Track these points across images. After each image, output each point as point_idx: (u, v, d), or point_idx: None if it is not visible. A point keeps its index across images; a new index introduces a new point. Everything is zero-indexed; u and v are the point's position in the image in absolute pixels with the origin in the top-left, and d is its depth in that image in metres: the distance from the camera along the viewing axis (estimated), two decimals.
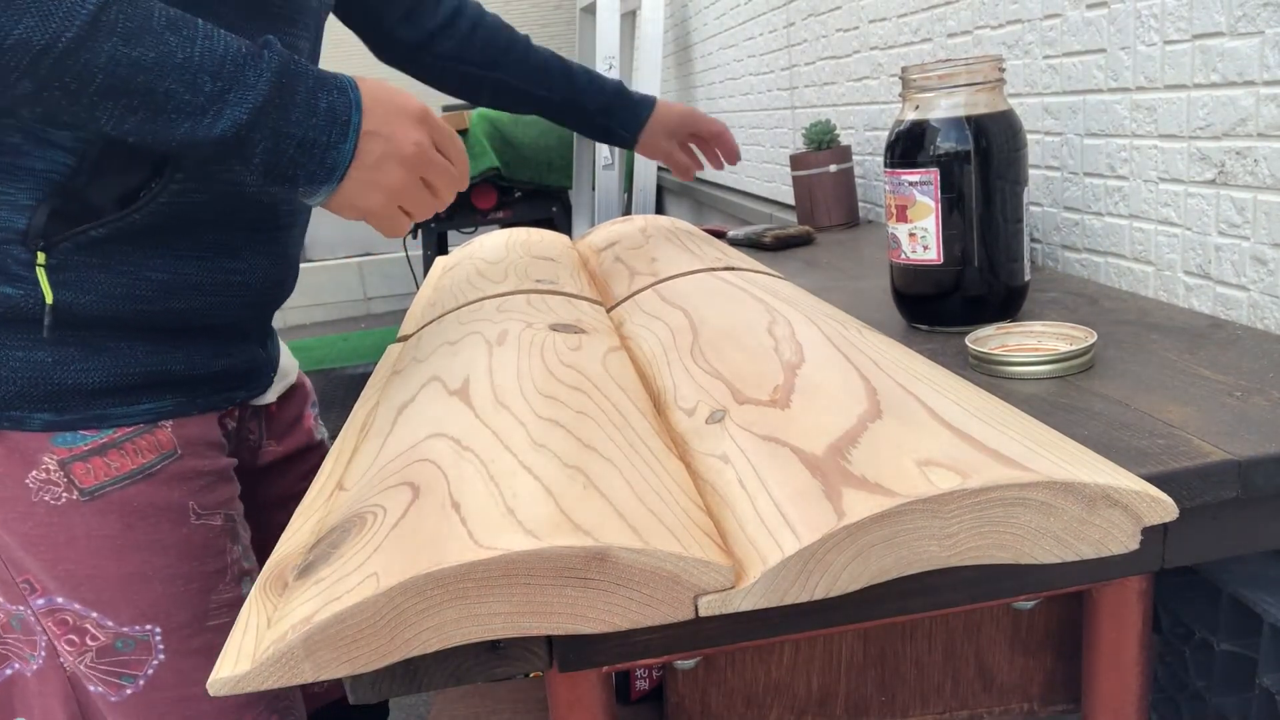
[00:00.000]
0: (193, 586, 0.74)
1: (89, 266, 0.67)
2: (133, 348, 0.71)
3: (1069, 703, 0.65)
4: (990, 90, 0.81)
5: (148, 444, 0.72)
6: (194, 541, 0.74)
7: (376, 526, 0.47)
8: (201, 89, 0.58)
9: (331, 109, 0.62)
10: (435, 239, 3.50)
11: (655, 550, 0.43)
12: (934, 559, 0.45)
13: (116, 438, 0.71)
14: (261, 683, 0.42)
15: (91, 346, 0.69)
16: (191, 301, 0.73)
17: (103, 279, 0.68)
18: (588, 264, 1.17)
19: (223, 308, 0.76)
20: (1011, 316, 0.86)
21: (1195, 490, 0.55)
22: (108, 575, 0.71)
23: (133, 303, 0.69)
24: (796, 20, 1.98)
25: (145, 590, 0.72)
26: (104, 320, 0.69)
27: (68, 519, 0.69)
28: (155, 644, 0.73)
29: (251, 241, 0.76)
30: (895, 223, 0.85)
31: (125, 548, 0.71)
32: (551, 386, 0.63)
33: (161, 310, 0.71)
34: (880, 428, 0.51)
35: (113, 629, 0.72)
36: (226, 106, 0.59)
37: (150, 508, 0.72)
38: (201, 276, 0.73)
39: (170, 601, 0.73)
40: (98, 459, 0.70)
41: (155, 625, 0.73)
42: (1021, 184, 0.83)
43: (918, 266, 0.84)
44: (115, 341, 0.70)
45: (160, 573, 0.72)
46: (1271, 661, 0.67)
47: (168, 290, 0.71)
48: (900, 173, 0.82)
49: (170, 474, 0.73)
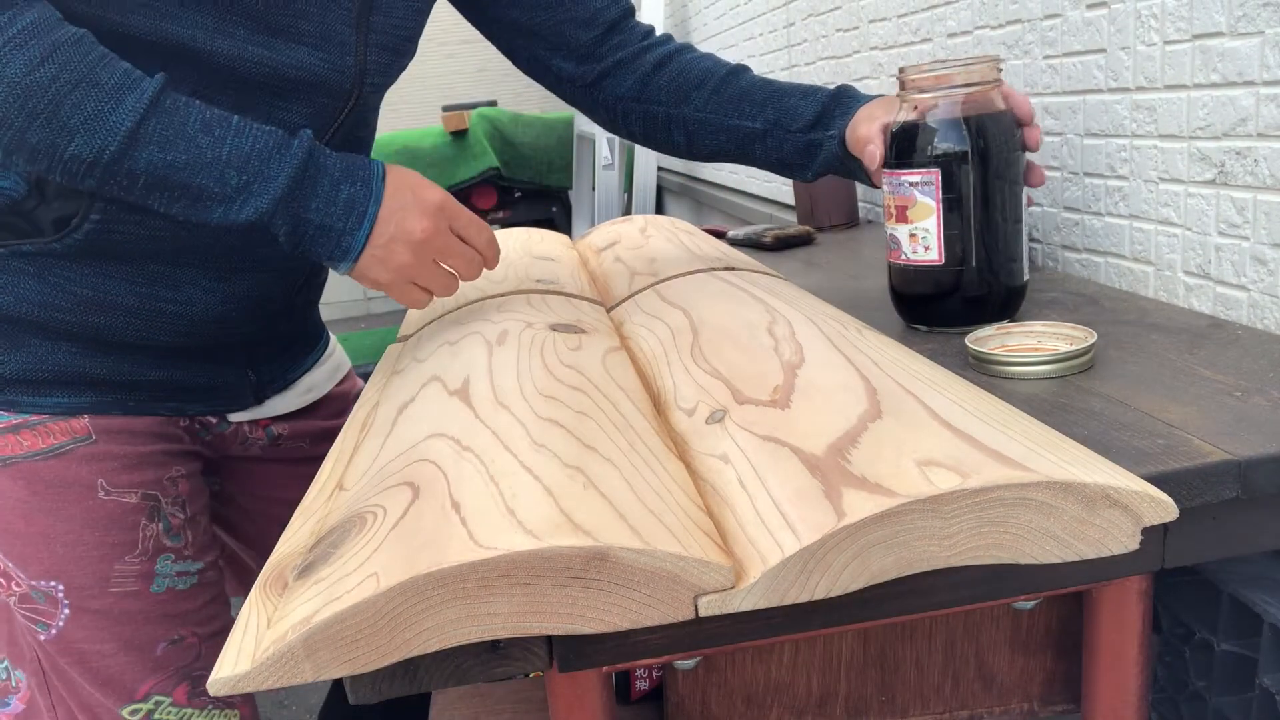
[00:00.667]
0: (94, 553, 0.80)
1: (21, 273, 0.75)
2: (55, 347, 0.78)
3: (1069, 703, 0.65)
4: (988, 90, 0.81)
5: (60, 429, 0.79)
6: (99, 514, 0.80)
7: (376, 526, 0.47)
8: (229, 183, 0.68)
9: (351, 200, 0.72)
10: None
11: (655, 550, 0.43)
12: (934, 559, 0.45)
13: (30, 420, 0.78)
14: (261, 683, 0.42)
15: (12, 340, 0.77)
16: (114, 320, 0.79)
17: (29, 285, 0.76)
18: (588, 264, 1.17)
19: (151, 331, 0.80)
20: (1010, 316, 0.86)
21: (1195, 490, 0.55)
22: (18, 532, 0.79)
23: (50, 310, 0.76)
24: (796, 20, 1.98)
25: (48, 550, 0.79)
26: (24, 320, 0.77)
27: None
28: (60, 599, 0.80)
29: (198, 277, 0.81)
30: (895, 223, 0.85)
31: (32, 511, 0.78)
32: (551, 386, 0.63)
33: (79, 322, 0.78)
34: (880, 428, 0.51)
35: (25, 580, 0.80)
36: (251, 197, 0.69)
37: (57, 480, 0.79)
38: (130, 300, 0.78)
39: (72, 563, 0.79)
40: (11, 435, 0.78)
41: (58, 583, 0.80)
42: (1020, 184, 0.83)
43: (917, 267, 0.84)
44: (38, 339, 0.78)
45: (63, 537, 0.79)
46: (1271, 661, 0.67)
47: (89, 306, 0.77)
48: (900, 173, 0.82)
49: (80, 455, 0.79)
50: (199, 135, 0.68)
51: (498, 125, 3.40)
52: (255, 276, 0.84)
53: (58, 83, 0.64)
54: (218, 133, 0.68)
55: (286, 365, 0.95)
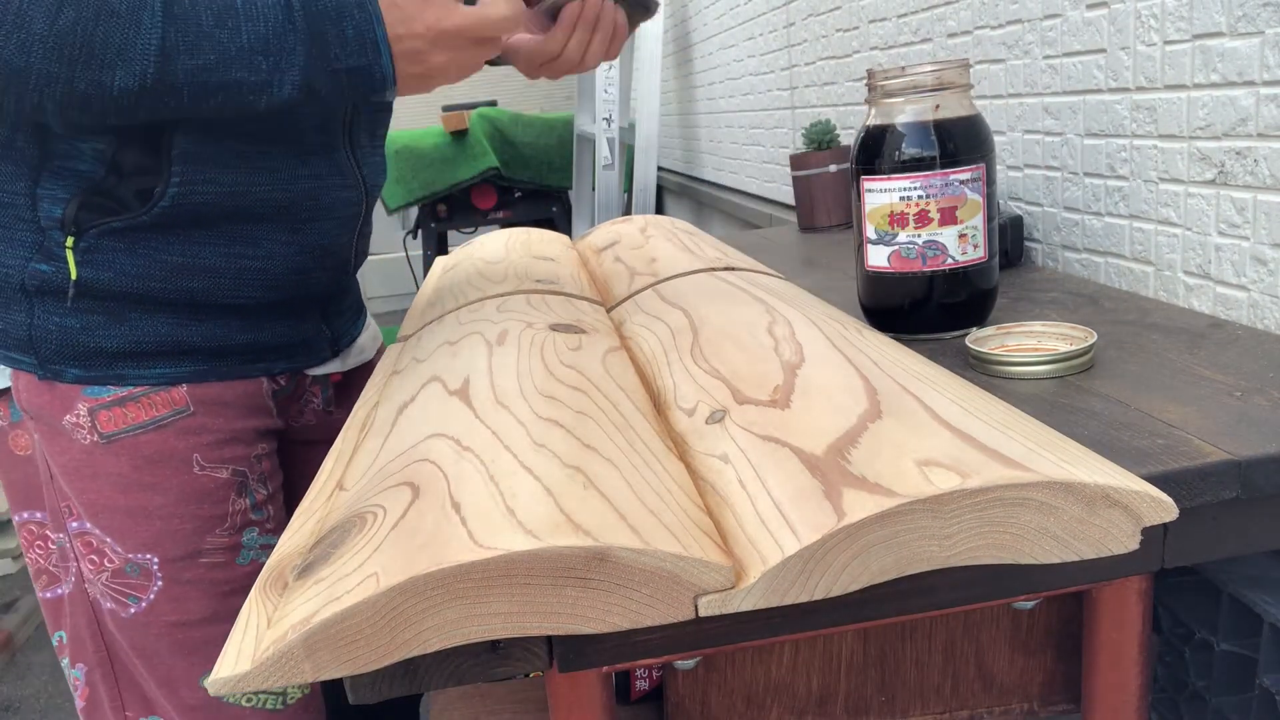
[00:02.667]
0: (187, 526, 0.83)
1: (114, 250, 0.79)
2: (153, 319, 0.82)
3: (1069, 703, 0.65)
4: (957, 94, 0.81)
5: (162, 400, 0.83)
6: (192, 488, 0.84)
7: (376, 526, 0.47)
8: (260, 69, 0.70)
9: (359, 34, 0.72)
10: (435, 239, 3.50)
11: (655, 550, 0.43)
12: (934, 559, 0.45)
13: (135, 393, 0.82)
14: (262, 683, 0.42)
15: (114, 316, 0.81)
16: (205, 283, 0.82)
17: (124, 260, 0.79)
18: (588, 264, 1.17)
19: (239, 289, 0.84)
20: (982, 321, 0.85)
21: (1195, 490, 0.55)
22: (117, 506, 0.82)
23: (146, 280, 0.80)
24: (796, 20, 1.98)
25: (146, 524, 0.82)
26: (124, 294, 0.80)
27: (91, 456, 0.82)
28: (154, 571, 0.83)
29: (272, 231, 0.84)
30: (938, 228, 0.82)
31: (132, 485, 0.82)
32: (551, 386, 0.63)
33: (174, 288, 0.81)
34: (880, 428, 0.51)
35: (121, 554, 0.83)
36: (284, 74, 0.70)
37: (157, 454, 0.82)
38: (216, 261, 0.82)
39: (167, 537, 0.83)
40: (118, 409, 0.82)
41: (154, 555, 0.83)
42: (993, 185, 0.82)
43: (966, 269, 0.82)
44: (137, 313, 0.81)
45: (159, 510, 0.83)
46: (1271, 661, 0.67)
47: (181, 272, 0.81)
48: (949, 173, 0.81)
49: (180, 428, 0.83)
50: (217, 31, 0.68)
51: (498, 125, 3.40)
52: (323, 225, 0.87)
53: (81, 23, 0.65)
54: (231, 24, 0.69)
55: (349, 319, 1.00)
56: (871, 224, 0.84)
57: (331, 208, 0.88)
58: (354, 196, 0.89)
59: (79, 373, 0.81)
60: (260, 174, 0.81)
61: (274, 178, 0.82)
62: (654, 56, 2.92)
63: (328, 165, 0.86)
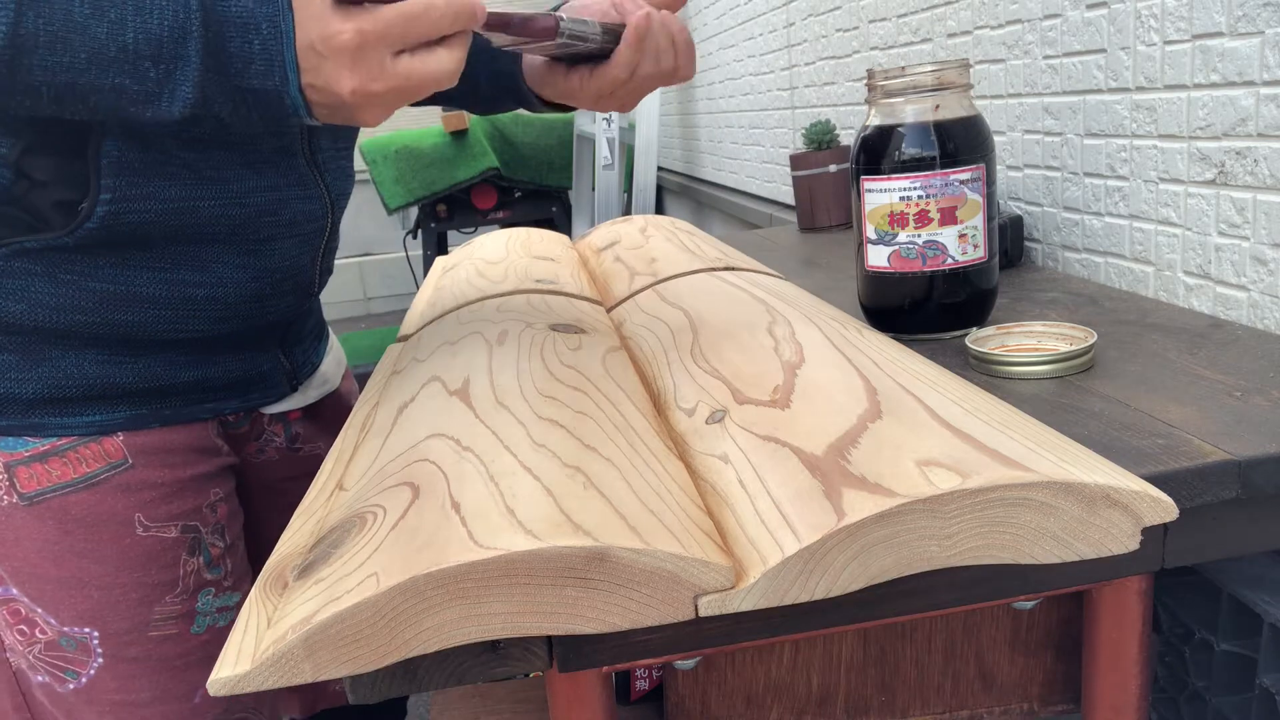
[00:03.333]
0: (132, 596, 0.73)
1: (28, 274, 0.66)
2: (79, 358, 0.69)
3: (1069, 703, 0.65)
4: (957, 94, 0.81)
5: (93, 453, 0.71)
6: (136, 552, 0.73)
7: (376, 526, 0.47)
8: (147, 76, 0.55)
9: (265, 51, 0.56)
10: (435, 239, 3.50)
11: (655, 550, 0.43)
12: (934, 559, 0.45)
13: (60, 445, 0.70)
14: (261, 683, 0.42)
15: (28, 355, 0.68)
16: (142, 315, 0.70)
17: (41, 288, 0.66)
18: (588, 264, 1.17)
19: (182, 321, 0.72)
20: (982, 321, 0.85)
21: (1195, 490, 0.55)
22: (47, 576, 0.71)
23: (71, 313, 0.67)
24: (796, 20, 1.98)
25: (81, 595, 0.72)
26: (40, 329, 0.67)
27: (12, 519, 0.70)
28: (93, 647, 0.73)
29: (223, 254, 0.72)
30: (938, 228, 0.81)
31: (63, 553, 0.71)
32: (551, 387, 0.63)
33: (104, 322, 0.69)
34: (880, 428, 0.51)
35: (55, 627, 0.72)
36: (176, 87, 0.55)
37: (90, 516, 0.71)
38: (156, 290, 0.70)
39: (108, 608, 0.72)
40: (39, 465, 0.69)
41: (93, 629, 0.72)
42: (993, 185, 0.82)
43: (966, 269, 0.82)
44: (59, 351, 0.69)
45: (97, 580, 0.72)
46: (1271, 661, 0.67)
47: (113, 302, 0.68)
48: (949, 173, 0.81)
49: (116, 484, 0.71)
50: (90, 23, 0.53)
51: (498, 125, 3.39)
52: (282, 245, 0.75)
53: None
54: (113, 14, 0.54)
55: (310, 348, 0.89)
56: (871, 224, 0.84)
57: (292, 224, 0.75)
58: (317, 210, 0.77)
59: None
60: (208, 186, 0.68)
61: (223, 190, 0.69)
62: None
63: (285, 175, 0.73)
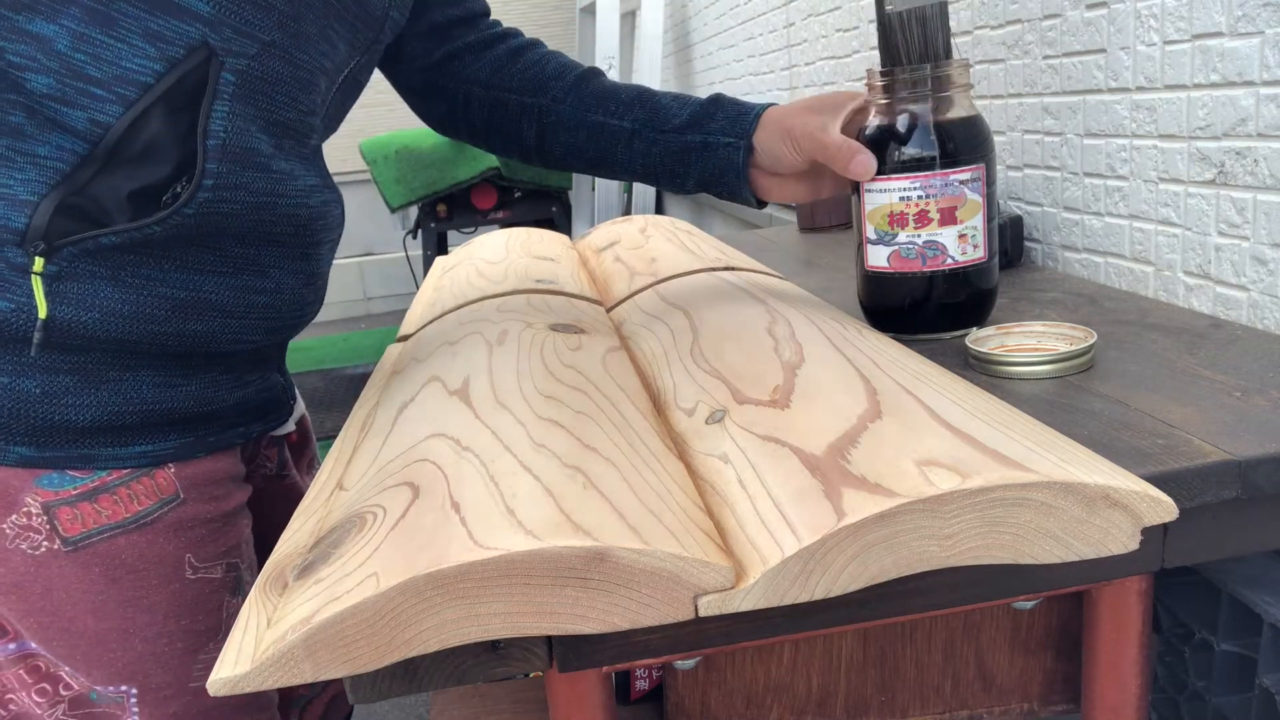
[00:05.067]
0: (177, 646, 0.67)
1: (96, 278, 0.59)
2: (137, 380, 0.63)
3: (1069, 703, 0.65)
4: (957, 94, 0.81)
5: (145, 489, 0.64)
6: (185, 598, 0.67)
7: (376, 526, 0.47)
8: None
9: None
10: (435, 239, 3.50)
11: (655, 550, 0.43)
12: (934, 559, 0.45)
13: (109, 481, 0.63)
14: (261, 683, 0.42)
15: (88, 377, 0.61)
16: (210, 324, 0.64)
17: (112, 294, 0.59)
18: (588, 264, 1.17)
19: (244, 332, 0.67)
20: (982, 321, 0.85)
21: (1195, 490, 0.55)
22: (84, 631, 0.64)
23: (143, 323, 0.61)
24: (796, 20, 1.98)
25: (124, 649, 0.65)
26: (106, 344, 0.61)
27: (46, 570, 0.62)
28: (130, 705, 0.67)
29: (282, 258, 0.68)
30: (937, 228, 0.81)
31: (107, 604, 0.64)
32: (551, 386, 0.63)
33: (174, 333, 0.63)
34: (880, 428, 0.51)
35: (87, 685, 0.67)
36: None
37: (140, 561, 0.64)
38: (223, 295, 0.65)
39: (151, 661, 0.66)
40: (86, 504, 0.62)
41: (131, 686, 0.66)
42: (993, 185, 0.82)
43: (966, 269, 0.82)
44: (119, 372, 0.62)
45: (143, 631, 0.66)
46: (1271, 661, 0.67)
47: (185, 310, 0.63)
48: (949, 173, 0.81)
49: (168, 523, 0.66)
50: None
51: None
52: (325, 249, 0.72)
53: None
54: None
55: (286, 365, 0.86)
56: (871, 224, 0.84)
57: (331, 227, 0.72)
58: (340, 213, 0.74)
59: (28, 453, 0.61)
60: (285, 182, 0.65)
61: (293, 186, 0.65)
62: (654, 56, 2.91)
63: (322, 175, 0.71)
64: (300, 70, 0.65)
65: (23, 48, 0.55)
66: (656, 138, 0.79)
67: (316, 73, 0.67)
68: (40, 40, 0.55)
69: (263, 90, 0.62)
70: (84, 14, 0.55)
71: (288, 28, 0.62)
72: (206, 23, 0.58)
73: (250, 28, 0.60)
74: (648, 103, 0.81)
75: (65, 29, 0.55)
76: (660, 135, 0.79)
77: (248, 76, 0.60)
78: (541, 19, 4.94)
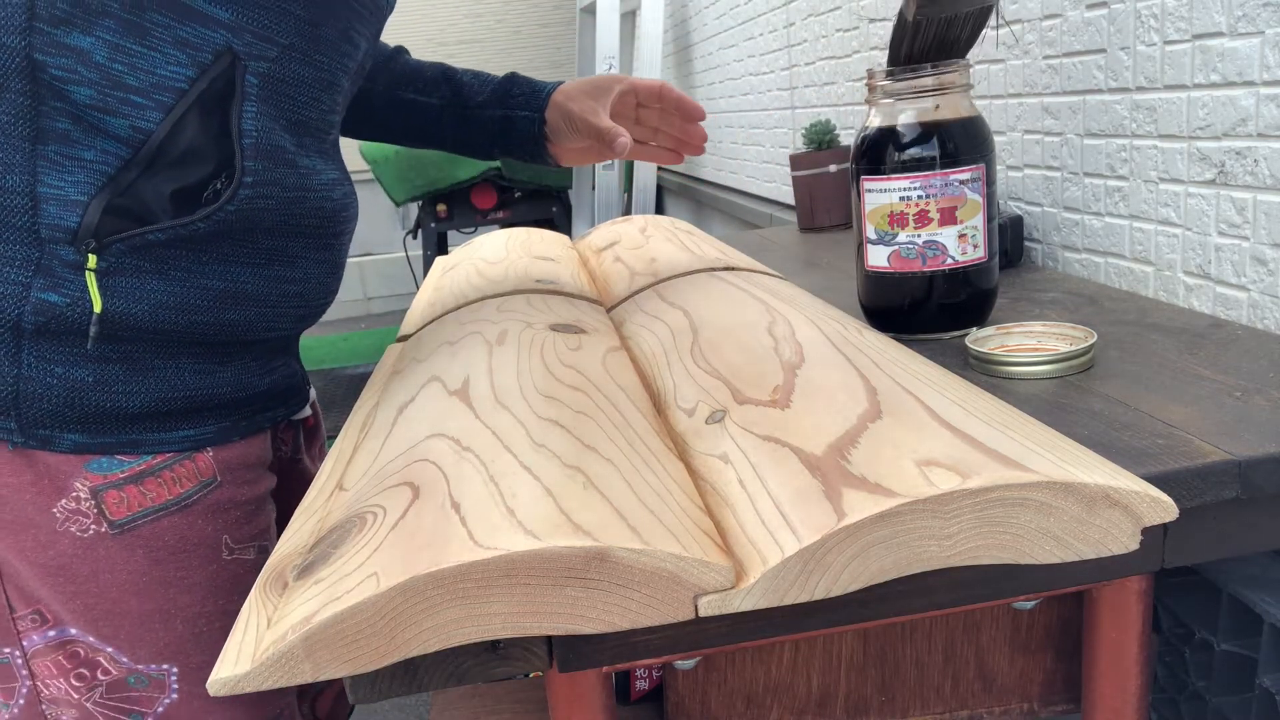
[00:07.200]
0: (215, 626, 0.70)
1: (143, 272, 0.62)
2: (179, 368, 0.67)
3: (1069, 703, 0.65)
4: (957, 94, 0.81)
5: (187, 472, 0.68)
6: (223, 579, 0.70)
7: (376, 526, 0.47)
8: None
9: None
10: (435, 239, 3.50)
11: (655, 550, 0.43)
12: (934, 559, 0.45)
13: (154, 464, 0.66)
14: (261, 683, 0.42)
15: (136, 365, 0.65)
16: (246, 313, 0.68)
17: (157, 287, 0.63)
18: (588, 264, 1.17)
19: (276, 320, 0.71)
20: (982, 321, 0.85)
21: (1195, 490, 0.55)
22: (128, 611, 0.67)
23: (187, 313, 0.65)
24: (796, 20, 1.98)
25: (166, 629, 0.68)
26: (154, 334, 0.64)
27: (93, 552, 0.65)
28: (169, 683, 0.70)
29: (308, 249, 0.72)
30: (937, 228, 0.81)
31: (150, 584, 0.67)
32: (551, 386, 0.63)
33: (214, 323, 0.67)
34: (880, 428, 0.51)
35: (127, 665, 0.68)
36: None
37: (181, 543, 0.68)
38: (258, 286, 0.68)
39: (191, 641, 0.69)
40: (133, 487, 0.65)
41: (172, 665, 0.69)
42: (993, 185, 0.82)
43: (966, 269, 0.82)
44: (163, 360, 0.66)
45: (184, 611, 0.69)
46: (1271, 661, 0.67)
47: (225, 301, 0.66)
48: (949, 173, 0.81)
49: (207, 505, 0.69)
50: None
51: None
52: (344, 240, 0.76)
53: None
54: None
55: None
56: (871, 224, 0.84)
57: (351, 219, 0.77)
58: (355, 206, 0.78)
59: (80, 439, 0.64)
60: (311, 177, 0.69)
61: (319, 180, 0.70)
62: (654, 56, 2.92)
63: (341, 169, 0.76)
64: (322, 71, 0.69)
65: (64, 60, 0.59)
66: (464, 113, 0.91)
67: (339, 73, 0.71)
68: (79, 53, 0.59)
69: (284, 91, 0.66)
70: (118, 25, 0.59)
71: (305, 32, 0.66)
72: (228, 28, 0.62)
73: (269, 32, 0.64)
74: (452, 80, 0.92)
75: (102, 40, 0.59)
76: (466, 110, 0.91)
77: (269, 79, 0.65)
78: (541, 19, 4.94)
